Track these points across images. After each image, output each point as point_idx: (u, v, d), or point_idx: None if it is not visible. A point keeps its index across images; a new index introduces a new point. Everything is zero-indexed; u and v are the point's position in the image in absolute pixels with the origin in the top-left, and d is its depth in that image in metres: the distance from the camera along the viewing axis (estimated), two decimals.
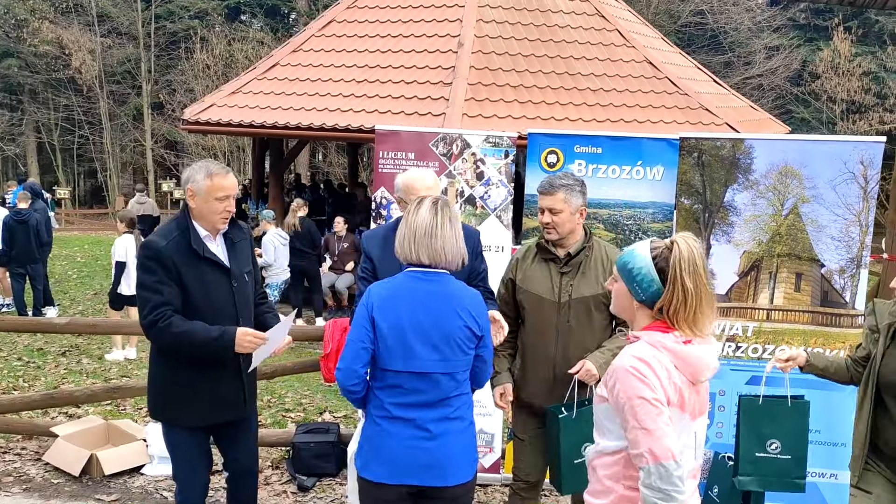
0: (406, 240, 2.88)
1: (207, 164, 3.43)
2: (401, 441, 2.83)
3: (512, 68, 10.54)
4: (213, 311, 3.36)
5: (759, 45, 24.18)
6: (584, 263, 3.53)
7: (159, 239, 3.36)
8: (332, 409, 6.92)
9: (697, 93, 11.07)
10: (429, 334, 2.81)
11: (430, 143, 5.07)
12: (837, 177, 4.40)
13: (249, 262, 3.63)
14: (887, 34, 23.62)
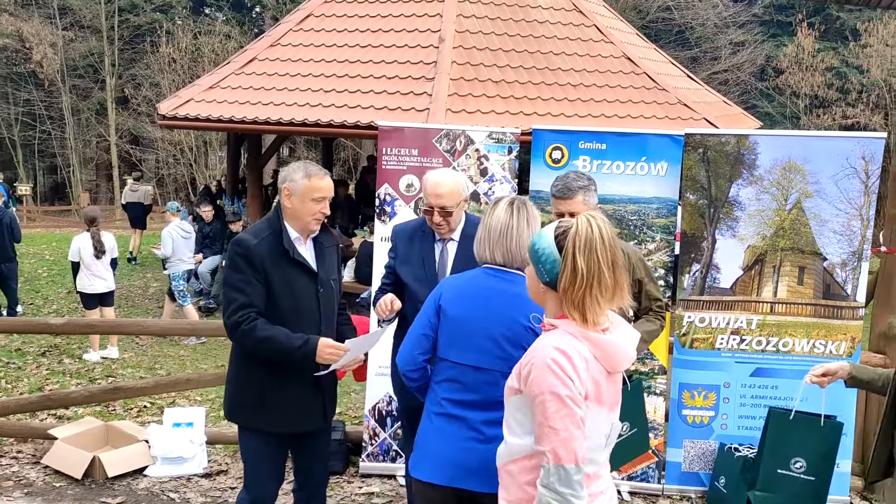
0: (482, 239, 2.88)
1: (306, 164, 3.36)
2: (453, 441, 2.77)
3: (493, 63, 10.55)
4: (298, 315, 3.30)
5: (725, 41, 24.50)
6: None
7: (250, 237, 3.29)
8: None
9: (675, 88, 11.20)
10: (492, 331, 2.77)
11: (433, 140, 5.06)
12: (839, 172, 4.50)
13: (335, 269, 3.56)
14: (849, 30, 24.08)
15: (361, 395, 5.81)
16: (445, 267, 3.55)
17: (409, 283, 3.54)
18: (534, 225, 2.87)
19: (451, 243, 3.57)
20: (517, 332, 2.76)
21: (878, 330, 4.74)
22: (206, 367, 8.33)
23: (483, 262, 2.90)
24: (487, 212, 2.92)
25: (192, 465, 5.00)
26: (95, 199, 27.17)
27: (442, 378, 2.85)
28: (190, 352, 8.93)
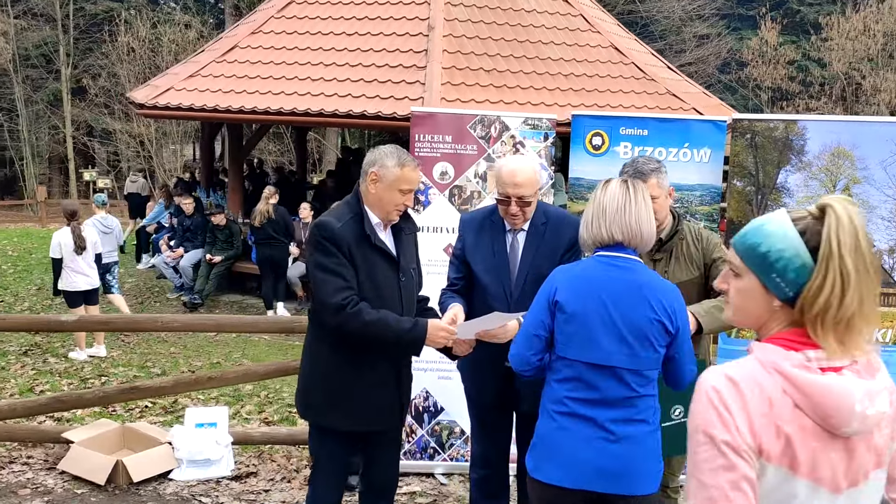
0: (595, 218, 2.69)
1: (399, 151, 3.16)
2: (581, 441, 2.62)
3: (484, 52, 10.41)
4: (380, 303, 3.11)
5: (689, 34, 24.75)
6: (676, 248, 3.43)
7: (334, 220, 3.10)
8: None
9: (663, 79, 11.20)
10: (616, 325, 2.61)
11: (467, 126, 4.89)
12: (888, 157, 4.45)
13: (415, 257, 3.38)
14: (809, 24, 24.54)
15: None
16: (516, 258, 3.38)
17: (479, 274, 3.37)
18: (650, 205, 2.72)
19: (521, 233, 3.40)
20: (642, 325, 2.61)
21: None
22: (199, 364, 8.04)
23: (596, 244, 2.71)
24: (597, 192, 2.75)
25: (220, 467, 4.76)
26: (50, 192, 26.27)
27: (563, 377, 2.68)
28: (181, 349, 8.61)
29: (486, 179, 4.89)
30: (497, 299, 3.32)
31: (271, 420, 6.20)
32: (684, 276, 3.40)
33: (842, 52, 22.94)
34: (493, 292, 3.33)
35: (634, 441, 2.64)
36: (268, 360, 8.40)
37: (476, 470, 3.64)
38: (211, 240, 10.75)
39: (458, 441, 4.85)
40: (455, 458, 4.86)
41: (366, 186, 3.15)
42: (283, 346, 8.97)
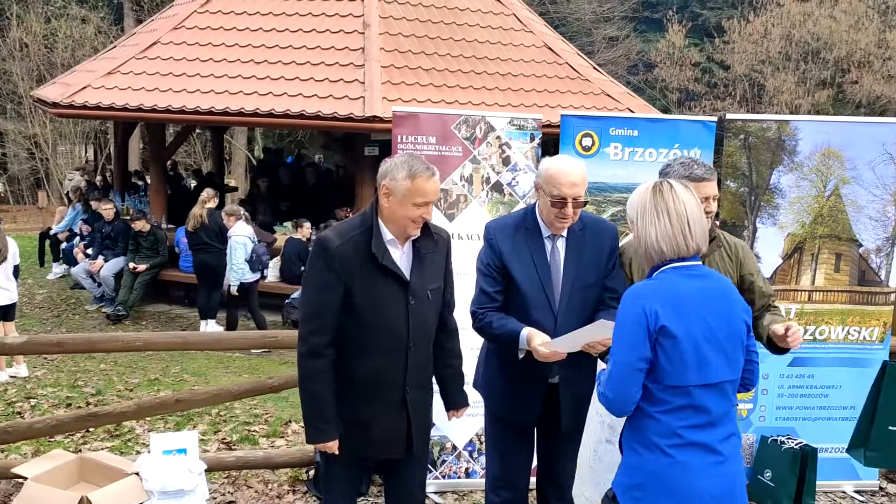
0: (678, 230, 2.49)
1: (411, 161, 2.89)
2: (698, 472, 2.45)
3: (421, 51, 10.20)
4: (381, 329, 2.91)
5: (599, 36, 25.19)
6: (711, 255, 3.29)
7: (335, 236, 2.89)
8: (297, 419, 6.32)
9: (597, 79, 11.27)
10: (717, 338, 2.47)
11: (451, 126, 4.67)
12: (876, 157, 4.50)
13: (439, 279, 3.10)
14: (712, 27, 25.40)
15: None
16: (558, 266, 3.19)
17: (521, 284, 3.15)
18: None
19: (559, 240, 3.21)
20: (739, 330, 2.52)
21: None
22: (136, 381, 7.50)
23: (673, 256, 2.51)
24: (663, 200, 2.53)
25: (195, 497, 4.35)
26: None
27: (674, 406, 2.47)
28: (112, 365, 8.02)
29: (472, 182, 4.68)
30: (541, 310, 3.12)
31: (230, 440, 5.81)
32: None
33: (743, 54, 23.83)
34: (537, 303, 3.13)
35: (737, 456, 2.55)
36: (209, 375, 7.95)
37: (499, 493, 3.42)
38: (134, 247, 10.12)
39: (451, 457, 4.63)
40: (447, 475, 4.63)
41: (380, 200, 2.94)
42: (222, 358, 8.51)
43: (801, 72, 23.17)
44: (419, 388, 3.09)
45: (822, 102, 22.38)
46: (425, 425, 3.19)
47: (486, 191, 4.70)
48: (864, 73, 22.50)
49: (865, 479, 4.78)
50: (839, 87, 23.36)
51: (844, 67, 23.10)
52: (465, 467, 4.65)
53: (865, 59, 22.78)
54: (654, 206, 2.55)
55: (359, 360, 2.95)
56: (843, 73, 23.18)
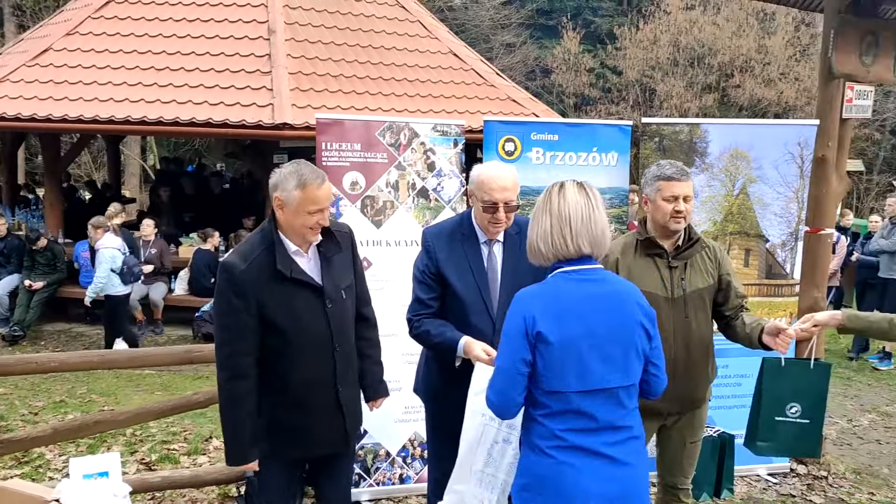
0: (556, 230, 2.50)
1: (300, 168, 2.87)
2: (585, 474, 2.44)
3: (329, 57, 10.14)
4: (305, 339, 2.92)
5: (497, 42, 25.62)
6: (694, 257, 3.37)
7: (238, 261, 2.85)
8: (218, 434, 6.16)
9: (502, 84, 11.47)
10: (605, 344, 2.46)
11: (376, 133, 4.67)
12: (779, 157, 4.77)
13: (349, 276, 3.11)
14: (604, 34, 26.24)
15: None
16: (496, 271, 3.24)
17: (458, 290, 3.18)
18: (604, 211, 2.58)
19: (496, 244, 3.27)
20: (631, 335, 2.51)
21: (805, 304, 5.10)
22: (40, 404, 7.13)
23: (559, 258, 2.54)
24: (552, 199, 2.55)
25: None
26: None
27: (552, 411, 2.47)
28: (12, 388, 7.59)
29: (398, 189, 4.70)
30: (479, 315, 3.16)
31: (149, 461, 5.61)
32: (701, 283, 3.37)
33: (634, 60, 24.73)
34: (475, 309, 3.16)
35: (636, 460, 2.55)
36: (119, 395, 7.64)
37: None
38: (29, 263, 9.61)
39: (384, 464, 4.62)
40: (381, 482, 4.62)
41: (275, 212, 2.94)
42: (132, 377, 8.18)
43: (689, 76, 24.21)
44: (349, 385, 3.12)
45: (709, 106, 23.45)
46: (359, 418, 3.23)
47: (413, 197, 4.72)
48: (746, 78, 23.71)
49: (777, 462, 5.06)
50: (724, 90, 24.53)
51: (728, 72, 24.28)
52: (399, 473, 4.65)
53: (747, 64, 24.02)
54: (540, 206, 2.57)
55: (289, 371, 2.96)
56: (727, 77, 24.36)
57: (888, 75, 5.15)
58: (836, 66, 4.90)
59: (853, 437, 6.29)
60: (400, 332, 4.11)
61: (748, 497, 4.77)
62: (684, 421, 3.49)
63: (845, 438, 6.21)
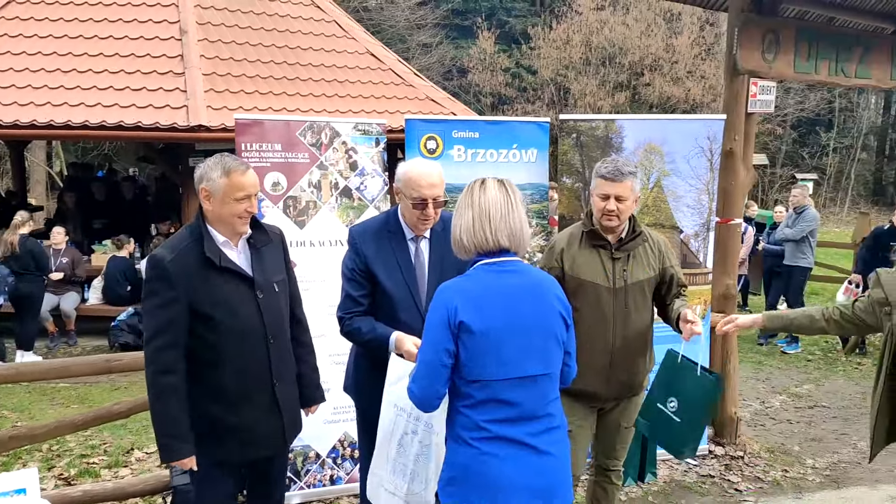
0: (478, 224, 2.56)
1: (223, 158, 2.89)
2: (510, 464, 2.48)
3: (244, 58, 9.97)
4: (238, 330, 2.90)
5: (414, 43, 25.66)
6: (636, 249, 3.50)
7: (166, 252, 2.84)
8: (139, 445, 6.00)
9: (421, 84, 11.50)
10: (526, 333, 2.53)
11: (297, 133, 4.64)
12: (690, 151, 4.95)
13: (281, 269, 3.11)
14: (518, 34, 26.61)
15: None
16: (423, 267, 3.27)
17: (387, 287, 3.20)
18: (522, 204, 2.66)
19: (422, 241, 3.30)
20: (551, 324, 2.59)
21: (717, 292, 5.32)
22: None
23: (480, 251, 2.59)
24: (473, 194, 2.61)
25: None
26: None
27: (476, 401, 2.50)
28: None
29: (320, 188, 4.68)
30: (408, 312, 3.18)
31: (68, 476, 5.42)
32: (642, 275, 3.50)
33: (548, 59, 25.18)
34: (404, 305, 3.19)
35: (559, 450, 2.61)
36: (33, 409, 7.35)
37: None
38: None
39: (314, 466, 4.59)
40: (312, 484, 4.59)
41: (202, 204, 2.95)
42: (45, 390, 7.87)
43: (601, 75, 24.81)
44: (286, 382, 3.11)
45: (621, 104, 24.08)
46: (296, 419, 3.21)
47: (336, 196, 4.71)
48: (656, 76, 24.44)
49: None
50: (635, 89, 25.23)
51: (638, 71, 24.98)
52: (330, 474, 4.63)
53: (656, 63, 24.75)
54: (463, 201, 2.63)
55: (223, 366, 2.93)
56: (637, 76, 25.06)
57: (789, 71, 5.41)
58: (741, 63, 5.12)
59: (766, 417, 6.57)
60: (328, 332, 4.11)
61: (671, 480, 4.94)
62: (621, 407, 3.63)
63: (758, 420, 6.49)
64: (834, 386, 7.58)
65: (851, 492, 4.88)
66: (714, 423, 5.41)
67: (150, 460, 5.64)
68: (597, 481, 3.85)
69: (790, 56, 5.39)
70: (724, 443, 5.37)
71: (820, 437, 6.03)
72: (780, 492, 4.87)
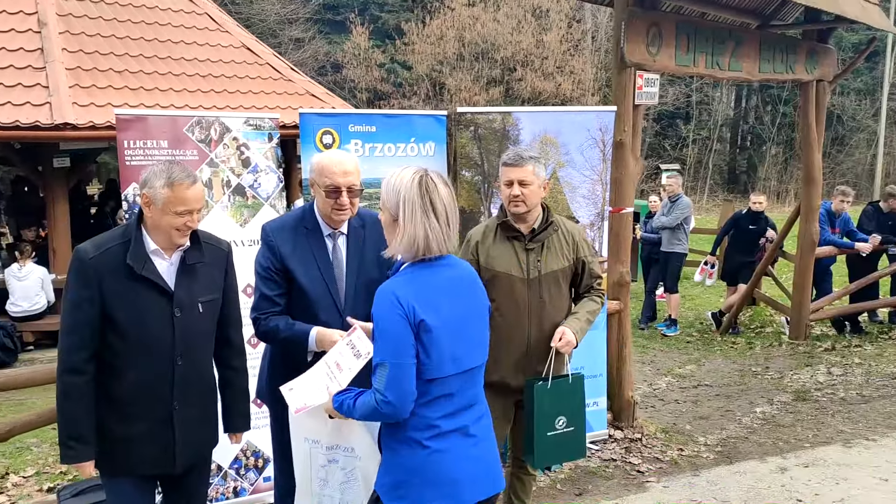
0: (445, 231, 2.44)
1: (171, 168, 2.76)
2: (458, 456, 2.47)
3: (111, 52, 9.44)
4: (144, 342, 2.77)
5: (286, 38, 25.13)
6: (549, 239, 3.51)
7: (91, 247, 2.73)
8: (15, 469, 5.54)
9: (299, 80, 11.25)
10: (469, 325, 2.52)
11: (184, 129, 4.38)
12: (584, 142, 5.03)
13: (214, 290, 2.94)
14: (392, 29, 26.53)
15: None
16: (341, 264, 3.15)
17: (305, 285, 3.07)
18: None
19: (340, 237, 3.18)
20: (484, 315, 2.63)
21: (612, 279, 5.44)
22: None
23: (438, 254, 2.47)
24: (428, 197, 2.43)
25: None
26: None
27: (431, 398, 2.44)
28: None
29: (211, 187, 4.44)
30: (327, 310, 3.07)
31: None
32: (556, 265, 3.52)
33: (422, 55, 25.25)
34: (323, 303, 3.07)
35: (489, 435, 2.63)
36: None
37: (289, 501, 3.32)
38: None
39: (217, 478, 4.37)
40: (215, 497, 4.37)
41: (143, 209, 2.83)
42: None
43: (476, 71, 25.11)
44: (190, 405, 2.94)
45: (496, 99, 24.46)
46: (197, 441, 3.02)
47: (228, 195, 4.49)
48: (527, 72, 24.99)
49: (597, 429, 5.37)
50: (508, 84, 25.69)
51: (511, 66, 25.45)
52: (234, 486, 4.43)
53: (527, 58, 25.30)
54: (418, 205, 2.44)
55: (123, 373, 2.82)
56: (510, 71, 25.53)
57: (671, 64, 5.61)
58: (628, 56, 5.25)
59: (655, 399, 6.81)
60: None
61: (575, 466, 5.02)
62: None
63: (649, 401, 6.71)
64: (714, 365, 7.95)
65: (743, 466, 5.11)
66: (612, 408, 5.54)
67: (27, 485, 5.23)
68: (514, 473, 3.85)
69: (672, 49, 5.58)
70: (622, 426, 5.52)
71: (707, 415, 6.30)
72: (679, 470, 5.05)
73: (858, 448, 5.43)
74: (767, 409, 6.38)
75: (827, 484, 4.81)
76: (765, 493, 4.68)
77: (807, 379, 7.26)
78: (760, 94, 31.52)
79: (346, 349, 2.78)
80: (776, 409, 6.41)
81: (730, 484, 4.81)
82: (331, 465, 2.84)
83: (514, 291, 3.45)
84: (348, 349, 2.78)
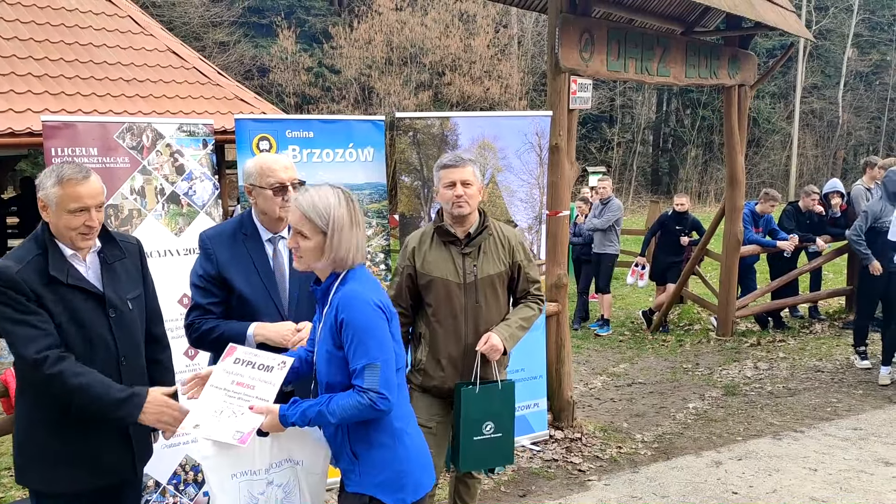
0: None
1: (61, 167, 2.68)
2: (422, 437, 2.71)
3: (29, 56, 9.05)
4: (88, 348, 2.69)
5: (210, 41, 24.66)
6: (484, 242, 3.52)
7: (13, 263, 2.59)
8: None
9: (228, 84, 11.04)
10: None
11: (114, 135, 4.26)
12: (521, 147, 5.09)
13: (137, 285, 2.87)
14: (319, 33, 26.32)
15: None
16: (283, 270, 3.10)
17: (244, 293, 3.01)
18: None
19: (281, 242, 3.14)
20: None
21: (550, 282, 5.51)
22: None
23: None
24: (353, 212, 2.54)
25: None
26: None
27: (401, 388, 2.65)
28: None
29: (144, 195, 4.33)
30: (270, 318, 3.02)
31: None
32: (492, 269, 3.52)
33: (351, 59, 25.12)
34: (265, 311, 3.01)
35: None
36: None
37: None
38: None
39: (155, 495, 4.25)
40: None
41: (42, 216, 2.74)
42: None
43: (404, 75, 25.11)
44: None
45: (425, 103, 24.50)
46: (148, 447, 3.01)
47: (162, 203, 4.38)
48: (456, 76, 25.11)
49: (538, 430, 5.43)
50: (437, 88, 25.77)
51: (439, 71, 25.54)
52: (172, 502, 4.31)
53: (455, 63, 25.43)
54: (347, 219, 2.53)
55: None
56: (438, 75, 25.61)
57: (603, 69, 5.72)
58: (562, 62, 5.33)
59: (591, 398, 6.93)
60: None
61: (518, 468, 5.06)
62: None
63: (585, 401, 6.82)
64: (646, 363, 8.13)
65: (680, 461, 5.24)
66: (552, 408, 5.61)
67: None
68: (458, 477, 3.86)
69: (603, 55, 5.70)
70: (562, 426, 5.59)
71: (642, 412, 6.44)
72: (619, 468, 5.14)
73: (788, 440, 5.63)
74: (699, 405, 6.55)
75: (760, 476, 4.97)
76: (702, 487, 4.81)
77: (735, 374, 7.49)
78: (681, 98, 32.43)
79: (241, 368, 2.66)
80: (708, 404, 6.59)
81: (668, 479, 4.93)
82: (269, 488, 2.71)
83: (451, 296, 3.47)
84: (245, 367, 2.66)
